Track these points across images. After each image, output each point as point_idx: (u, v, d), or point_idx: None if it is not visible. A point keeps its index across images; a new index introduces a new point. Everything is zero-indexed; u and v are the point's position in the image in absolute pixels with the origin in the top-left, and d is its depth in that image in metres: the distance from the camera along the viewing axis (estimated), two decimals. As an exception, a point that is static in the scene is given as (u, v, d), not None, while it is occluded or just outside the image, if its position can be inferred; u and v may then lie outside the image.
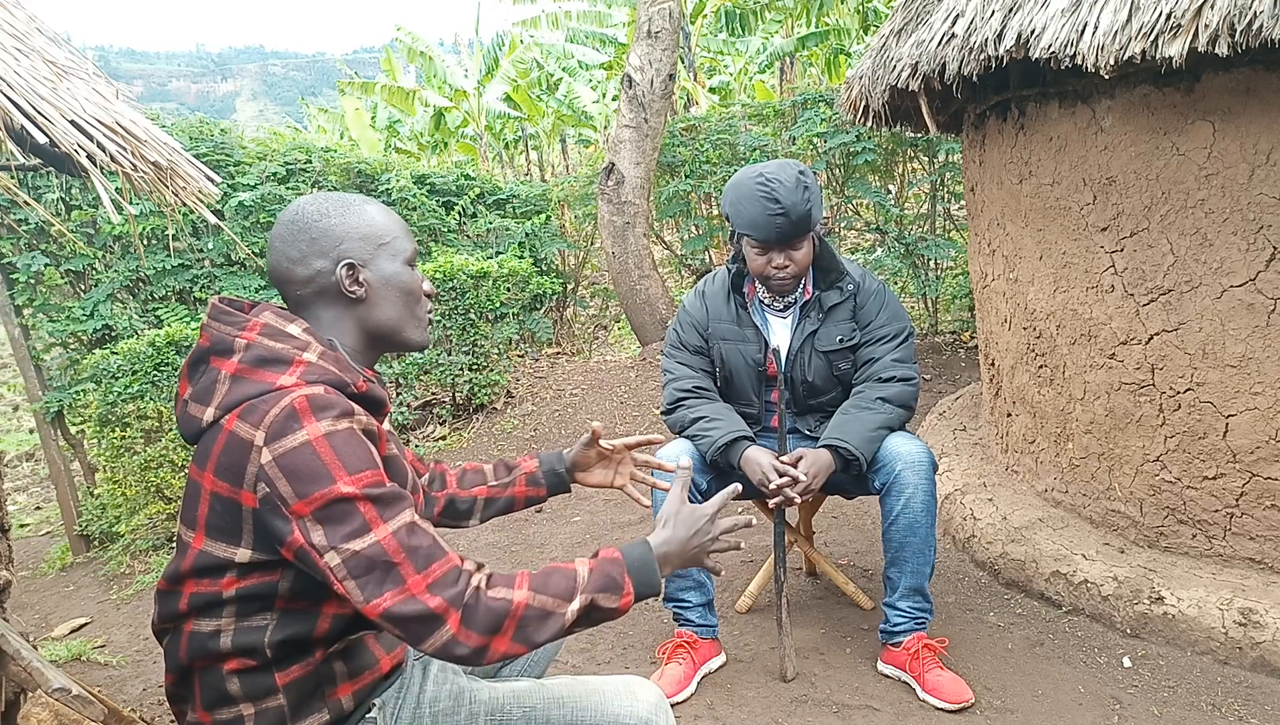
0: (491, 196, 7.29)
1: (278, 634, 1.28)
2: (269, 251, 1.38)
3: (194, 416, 1.28)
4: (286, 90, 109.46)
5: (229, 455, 1.22)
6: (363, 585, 1.18)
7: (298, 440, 1.19)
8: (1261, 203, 2.28)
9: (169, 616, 1.32)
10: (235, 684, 1.28)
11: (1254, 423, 2.40)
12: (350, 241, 1.37)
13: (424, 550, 1.21)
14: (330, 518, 1.19)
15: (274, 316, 1.33)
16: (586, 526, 3.87)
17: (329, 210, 1.38)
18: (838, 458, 2.32)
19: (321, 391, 1.24)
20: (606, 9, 12.48)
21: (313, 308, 1.38)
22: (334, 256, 1.36)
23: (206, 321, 1.34)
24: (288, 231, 1.36)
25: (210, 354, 1.30)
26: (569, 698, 1.40)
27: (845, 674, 2.48)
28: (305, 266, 1.35)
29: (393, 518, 1.21)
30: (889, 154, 5.86)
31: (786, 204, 2.27)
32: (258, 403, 1.23)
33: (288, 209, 1.39)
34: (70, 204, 5.74)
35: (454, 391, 5.63)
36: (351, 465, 1.20)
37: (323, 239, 1.36)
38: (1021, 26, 2.38)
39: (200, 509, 1.26)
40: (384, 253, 1.40)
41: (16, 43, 2.18)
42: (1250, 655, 2.31)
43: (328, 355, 1.31)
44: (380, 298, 1.39)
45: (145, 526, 4.94)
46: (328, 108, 18.09)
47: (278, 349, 1.28)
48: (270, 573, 1.26)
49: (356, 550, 1.18)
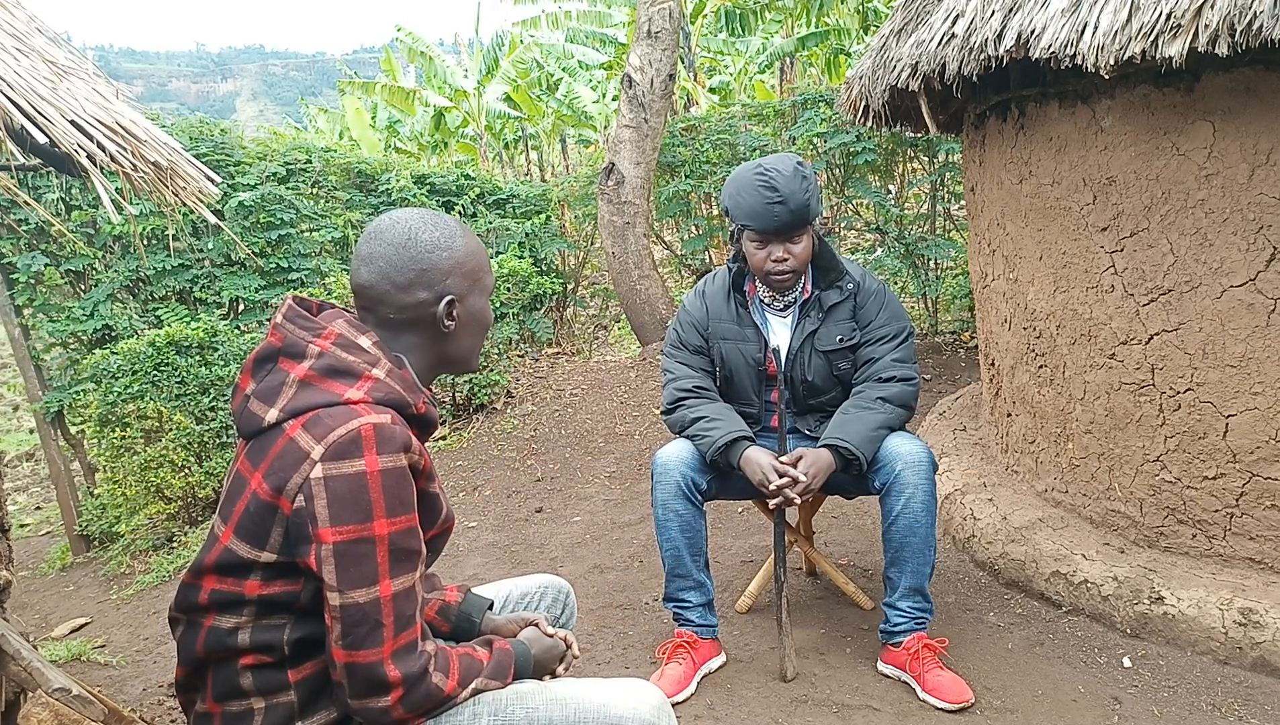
0: (491, 196, 7.30)
1: (296, 633, 1.30)
2: (367, 265, 1.35)
3: (256, 414, 1.28)
4: (286, 90, 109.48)
5: (283, 460, 1.23)
6: (346, 632, 1.22)
7: (355, 468, 1.21)
8: (1261, 203, 2.28)
9: (187, 608, 1.33)
10: (249, 679, 1.30)
11: (1254, 423, 2.40)
12: (456, 277, 1.38)
13: (406, 617, 1.25)
14: (347, 557, 1.21)
15: (347, 326, 1.33)
16: (586, 527, 3.87)
17: (440, 241, 1.37)
18: (838, 457, 2.32)
19: (388, 421, 1.24)
20: (606, 9, 12.48)
21: (397, 329, 1.37)
22: (438, 291, 1.36)
23: (280, 321, 1.33)
24: (398, 256, 1.34)
25: (281, 354, 1.30)
26: (571, 699, 1.40)
27: (845, 674, 2.48)
28: (409, 295, 1.35)
29: (400, 576, 1.25)
30: (889, 154, 5.86)
31: (785, 192, 2.27)
32: (324, 415, 1.24)
33: (393, 228, 1.36)
34: (70, 204, 5.75)
35: (454, 391, 5.63)
36: (392, 508, 1.23)
37: (432, 271, 1.36)
38: (1021, 26, 2.38)
39: (238, 505, 1.27)
40: (477, 288, 1.42)
41: (16, 43, 2.18)
42: (1250, 655, 2.31)
43: (395, 373, 1.32)
44: (463, 331, 1.42)
45: (145, 526, 4.95)
46: (328, 108, 18.11)
47: (349, 361, 1.29)
48: (293, 582, 1.28)
49: (358, 602, 1.21)
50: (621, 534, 3.72)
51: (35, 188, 5.65)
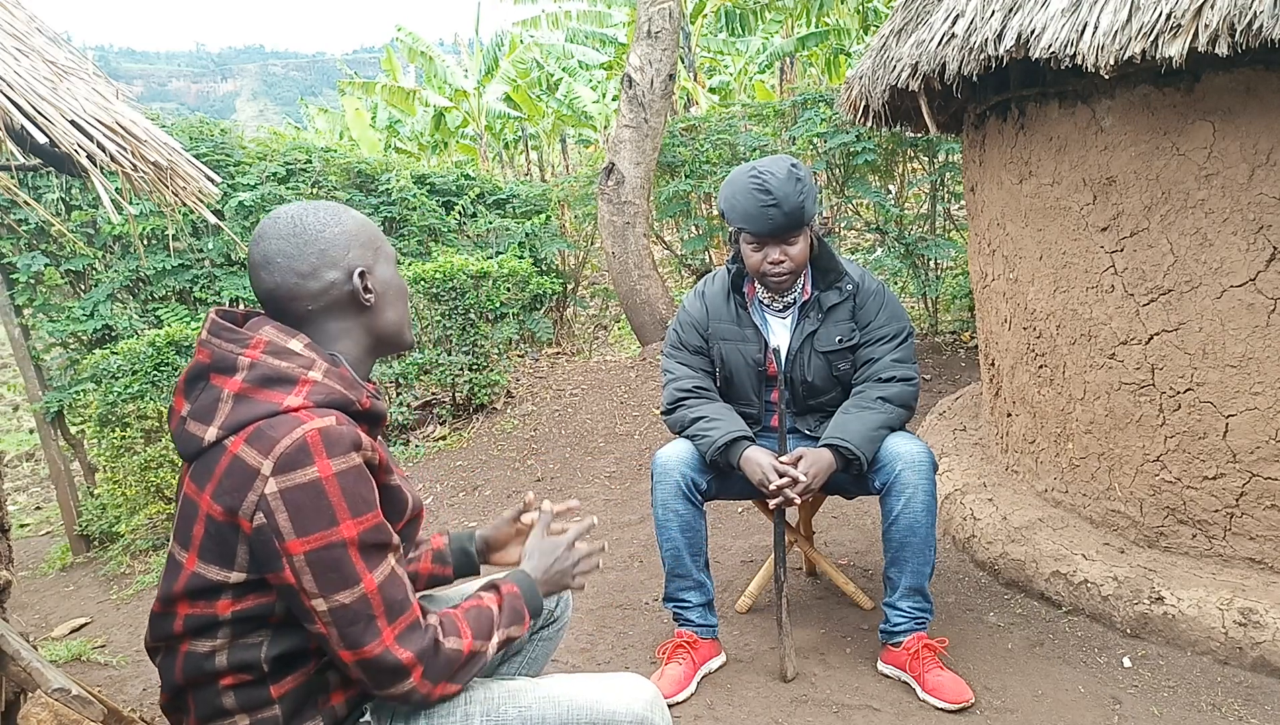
0: (491, 196, 7.30)
1: (273, 649, 1.28)
2: (266, 268, 1.31)
3: (194, 434, 1.25)
4: (286, 90, 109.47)
5: (231, 479, 1.20)
6: (344, 634, 1.22)
7: (308, 477, 1.19)
8: (1261, 203, 2.28)
9: (163, 637, 1.31)
10: (231, 698, 1.29)
11: (1254, 423, 2.40)
12: (355, 249, 1.35)
13: (397, 603, 1.25)
14: (322, 563, 1.20)
15: (275, 332, 1.30)
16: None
17: (327, 219, 1.35)
18: (838, 457, 2.32)
19: (333, 423, 1.22)
20: (606, 9, 12.49)
21: (320, 321, 1.34)
22: (345, 266, 1.34)
23: (205, 337, 1.30)
24: (292, 246, 1.31)
25: (211, 371, 1.27)
26: (564, 696, 1.39)
27: (845, 674, 2.48)
28: (317, 280, 1.32)
29: (377, 566, 1.24)
30: (889, 154, 5.86)
31: (779, 195, 2.27)
32: (266, 428, 1.21)
33: (276, 224, 1.33)
34: (70, 204, 5.75)
35: (454, 391, 5.63)
36: (355, 508, 1.22)
37: (331, 249, 1.33)
38: (1021, 26, 2.38)
39: (195, 530, 1.24)
40: (381, 256, 1.40)
41: (16, 43, 2.18)
42: (1250, 655, 2.31)
43: (332, 372, 1.29)
44: (384, 302, 1.40)
45: (145, 526, 4.94)
46: (328, 108, 18.11)
47: (283, 368, 1.26)
48: (265, 594, 1.26)
49: (344, 603, 1.21)
50: (621, 534, 3.71)
51: (35, 188, 5.65)
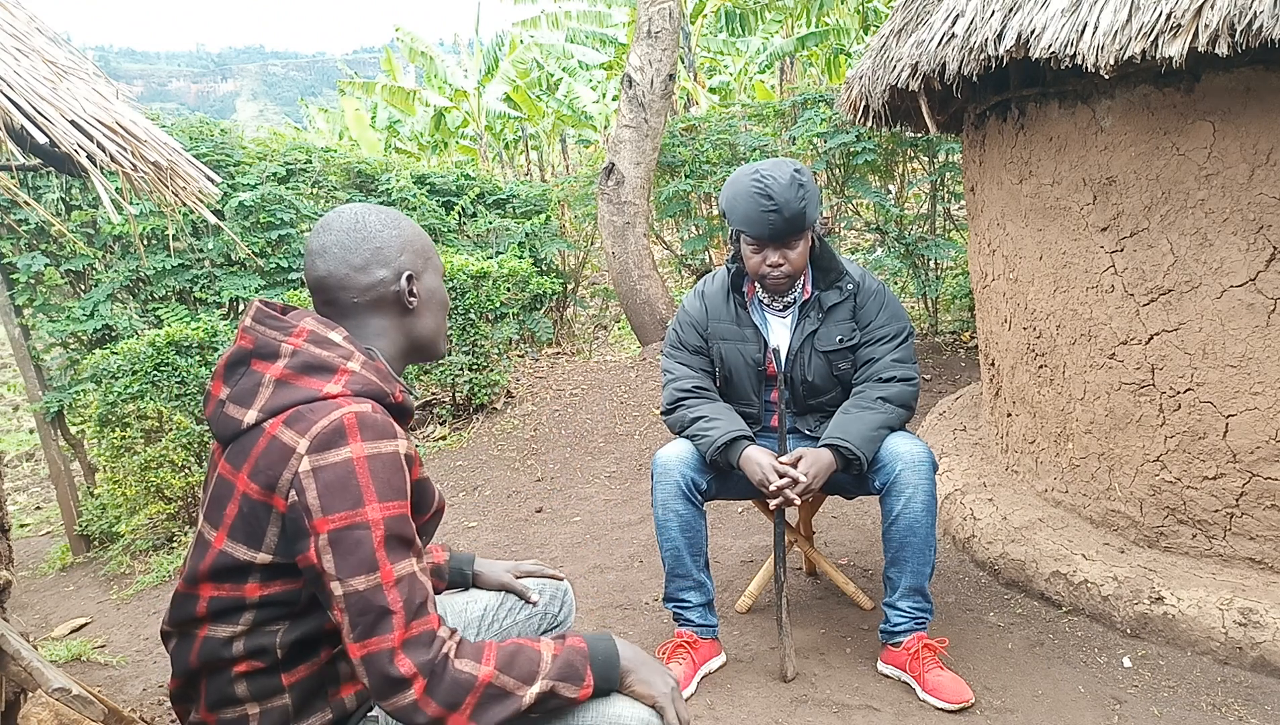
0: (491, 196, 7.30)
1: (289, 635, 1.29)
2: (321, 256, 1.38)
3: (233, 417, 1.29)
4: (286, 90, 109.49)
5: (268, 458, 1.23)
6: (355, 624, 1.20)
7: (340, 456, 1.21)
8: (1261, 203, 2.28)
9: (183, 620, 1.32)
10: (243, 686, 1.30)
11: (1254, 423, 2.40)
12: (408, 254, 1.42)
13: (415, 605, 1.22)
14: (343, 543, 1.19)
15: (317, 323, 1.34)
16: (586, 527, 3.87)
17: (387, 221, 1.41)
18: (838, 457, 2.32)
19: (369, 409, 1.25)
20: (606, 9, 12.48)
21: (362, 316, 1.39)
22: (395, 267, 1.40)
23: (249, 324, 1.34)
24: (350, 239, 1.38)
25: (253, 357, 1.31)
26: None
27: (845, 674, 2.48)
28: (367, 274, 1.38)
29: (399, 563, 1.22)
30: (889, 154, 5.86)
31: (780, 201, 2.28)
32: (305, 411, 1.24)
33: (340, 217, 1.41)
34: (70, 204, 5.75)
35: (454, 391, 5.63)
36: (384, 493, 1.22)
37: (386, 249, 1.39)
38: (1021, 26, 2.38)
39: (229, 509, 1.27)
40: (430, 266, 1.46)
41: (16, 43, 2.18)
42: (1250, 655, 2.31)
43: (369, 365, 1.34)
44: (426, 309, 1.45)
45: (145, 526, 4.94)
46: (328, 108, 18.11)
47: (324, 357, 1.30)
48: (293, 580, 1.27)
49: (359, 590, 1.20)
50: (621, 534, 3.71)
51: (35, 188, 5.65)
